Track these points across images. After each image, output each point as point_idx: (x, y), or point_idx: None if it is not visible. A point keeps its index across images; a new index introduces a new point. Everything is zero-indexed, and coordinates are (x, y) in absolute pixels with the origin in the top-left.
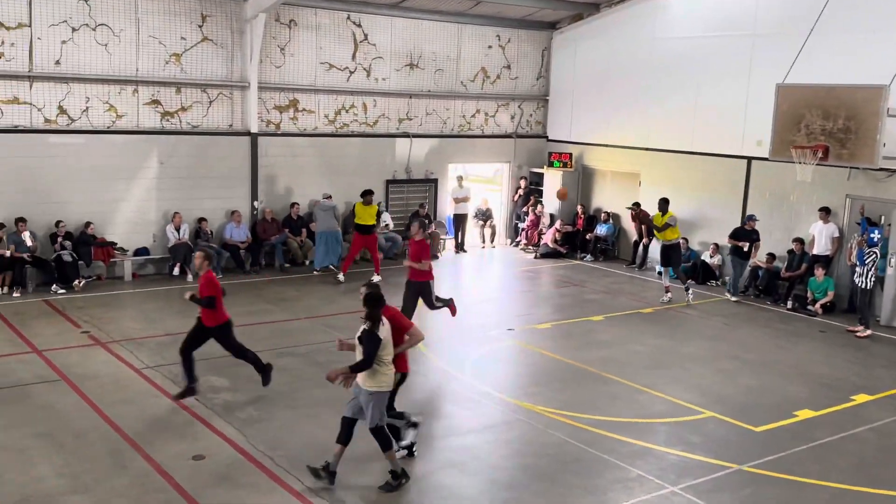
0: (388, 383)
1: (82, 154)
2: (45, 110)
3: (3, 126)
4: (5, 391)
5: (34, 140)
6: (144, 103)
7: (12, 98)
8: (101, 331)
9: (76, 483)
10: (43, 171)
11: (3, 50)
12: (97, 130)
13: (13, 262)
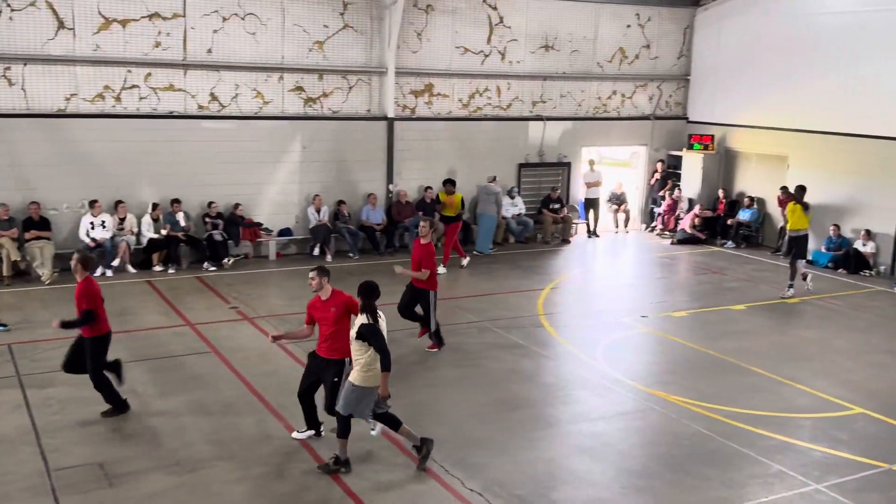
0: (374, 380)
1: (232, 139)
2: (198, 97)
3: (160, 112)
4: (161, 361)
5: (188, 125)
6: (289, 90)
7: (168, 85)
8: (247, 306)
9: (223, 450)
10: (196, 154)
11: (160, 39)
12: (245, 116)
13: (169, 240)
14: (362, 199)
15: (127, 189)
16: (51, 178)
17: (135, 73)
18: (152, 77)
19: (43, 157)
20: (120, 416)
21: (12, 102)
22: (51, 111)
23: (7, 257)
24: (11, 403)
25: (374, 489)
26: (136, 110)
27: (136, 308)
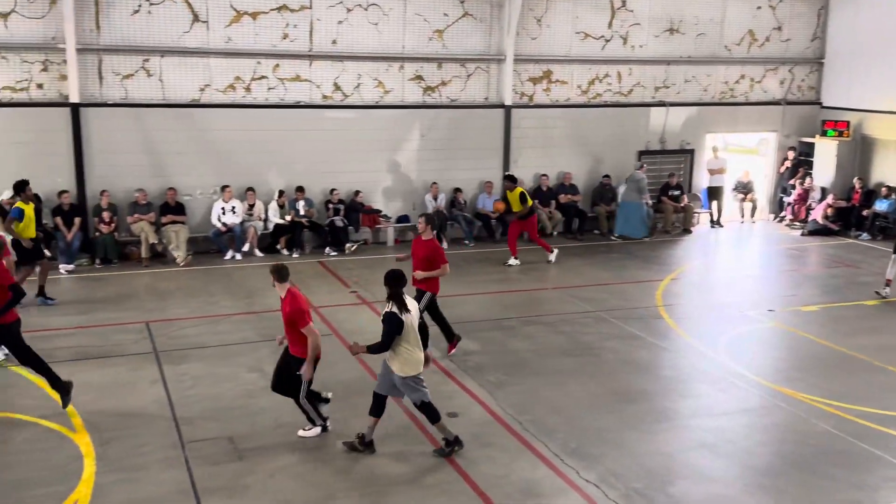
0: (415, 367)
1: (353, 127)
2: (322, 87)
3: (287, 102)
4: None
5: (313, 114)
6: (409, 79)
7: (295, 76)
8: (366, 291)
9: (346, 427)
10: (319, 143)
11: (288, 31)
12: (367, 105)
13: (293, 226)
14: (478, 186)
15: (255, 176)
16: (185, 166)
17: (264, 64)
18: (280, 68)
19: (178, 146)
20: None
21: (151, 93)
22: (186, 101)
23: (146, 240)
24: (149, 378)
25: (490, 475)
26: (264, 100)
27: (263, 290)
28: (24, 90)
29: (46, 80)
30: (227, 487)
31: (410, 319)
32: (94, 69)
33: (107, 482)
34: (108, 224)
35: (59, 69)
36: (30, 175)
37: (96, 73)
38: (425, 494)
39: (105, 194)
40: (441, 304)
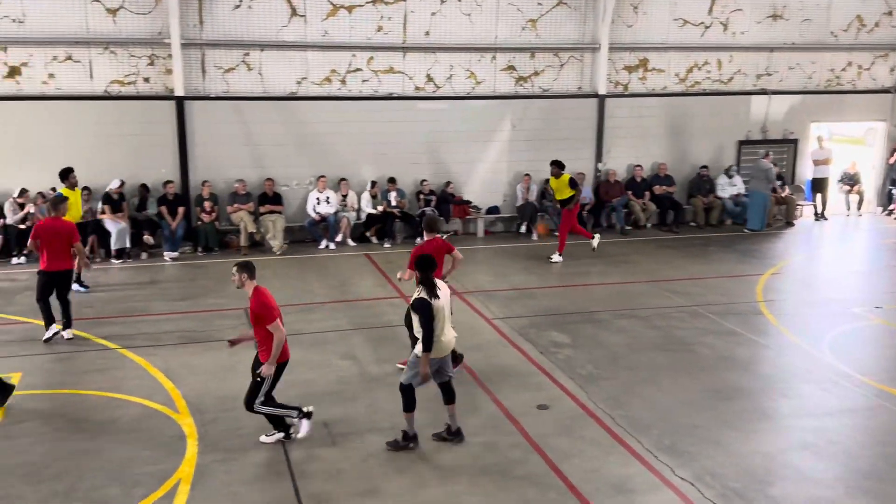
0: (437, 351)
1: (445, 119)
2: (415, 78)
3: (380, 94)
4: (379, 330)
5: (405, 106)
6: (501, 69)
7: (388, 68)
8: (456, 282)
9: (435, 418)
10: (411, 134)
11: (382, 24)
12: (458, 96)
13: (384, 216)
14: None
15: (349, 167)
16: (283, 157)
17: (359, 56)
18: (374, 60)
19: (276, 137)
20: None
21: (251, 86)
22: (284, 94)
23: (245, 229)
24: (248, 363)
25: (581, 469)
26: (358, 92)
27: (355, 279)
28: (132, 84)
29: (153, 74)
30: (322, 471)
31: (440, 304)
32: (198, 63)
33: (208, 462)
34: (209, 213)
35: (165, 63)
36: (136, 166)
37: (199, 66)
38: (515, 485)
39: (206, 185)
40: (528, 296)
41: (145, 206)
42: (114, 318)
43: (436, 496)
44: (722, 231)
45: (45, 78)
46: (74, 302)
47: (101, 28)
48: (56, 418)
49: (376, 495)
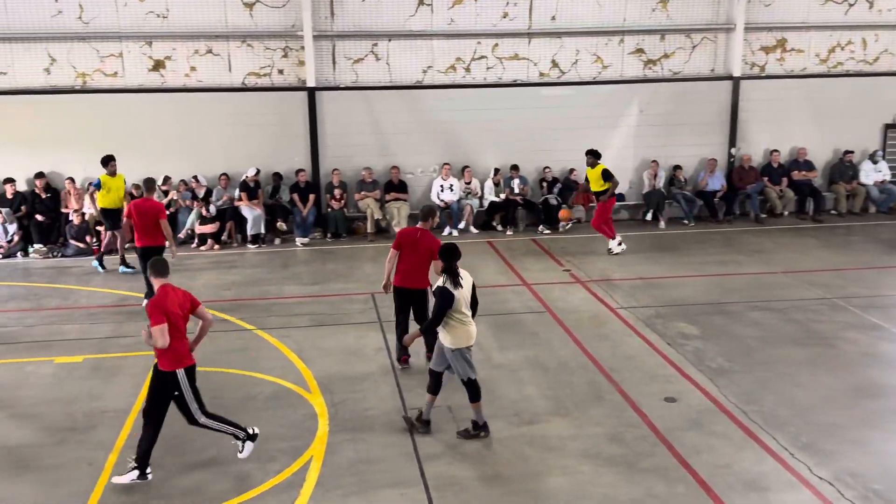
0: (466, 340)
1: (569, 104)
2: (539, 64)
3: (504, 81)
4: (502, 317)
5: (529, 93)
6: (629, 52)
7: (513, 55)
8: (580, 270)
9: (558, 406)
10: (535, 121)
11: (508, 10)
12: (584, 81)
13: (507, 203)
14: (700, 163)
15: (472, 155)
16: (408, 145)
17: (483, 44)
18: (499, 47)
19: (402, 126)
20: None
21: (378, 76)
22: (410, 83)
23: (371, 216)
24: (375, 346)
25: (711, 464)
26: (483, 80)
27: (478, 266)
28: (267, 75)
29: (286, 66)
30: (447, 454)
31: (462, 293)
32: (329, 54)
33: (338, 441)
34: (338, 200)
35: (298, 55)
36: (269, 154)
37: (330, 58)
38: (641, 478)
39: (336, 172)
40: (654, 286)
41: (279, 194)
42: (250, 301)
43: (560, 485)
44: (866, 219)
45: (188, 71)
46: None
47: (239, 22)
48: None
49: (500, 481)
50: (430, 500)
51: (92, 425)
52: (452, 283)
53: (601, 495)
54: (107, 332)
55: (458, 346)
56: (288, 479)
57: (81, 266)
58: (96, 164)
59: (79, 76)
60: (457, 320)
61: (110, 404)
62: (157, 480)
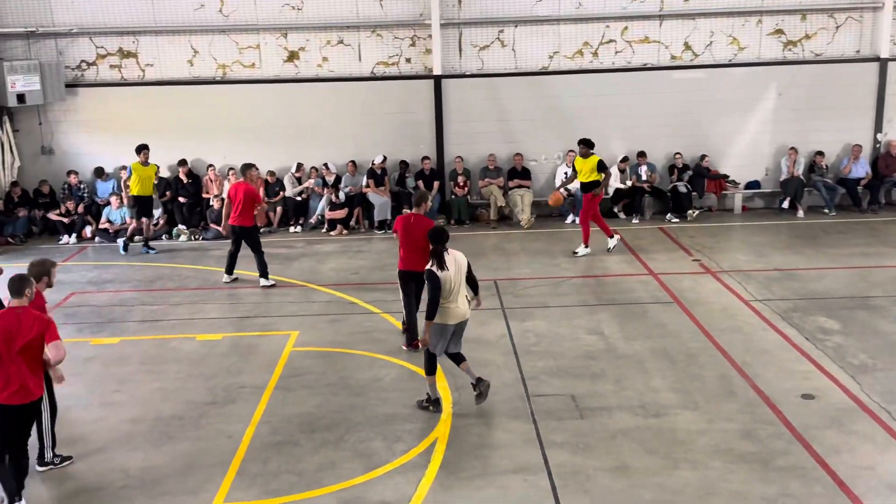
0: (444, 318)
1: (702, 88)
2: (671, 47)
3: (633, 65)
4: (627, 307)
5: (659, 77)
6: (767, 34)
7: (643, 38)
8: (710, 260)
9: (687, 399)
10: (664, 106)
11: None
12: (718, 64)
13: (633, 190)
14: (843, 150)
15: (598, 141)
16: (532, 132)
17: (612, 27)
18: (628, 30)
19: (527, 112)
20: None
21: (503, 62)
22: (535, 69)
23: (494, 203)
24: (497, 333)
25: (852, 465)
26: (611, 64)
27: (603, 254)
28: (395, 64)
29: (413, 55)
30: (570, 443)
31: (448, 275)
32: (455, 43)
33: (461, 424)
34: (461, 187)
35: (425, 44)
36: (397, 142)
37: (456, 45)
38: (776, 476)
39: (459, 160)
40: (791, 277)
41: (405, 181)
42: (377, 285)
43: (688, 480)
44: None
45: (320, 61)
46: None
47: (370, 13)
48: (328, 374)
49: (626, 473)
50: (553, 487)
51: (231, 400)
52: (438, 265)
53: (732, 492)
54: (244, 312)
55: (439, 321)
56: (413, 459)
57: (221, 249)
58: (235, 152)
59: (219, 67)
60: (445, 299)
61: (248, 380)
62: (291, 458)
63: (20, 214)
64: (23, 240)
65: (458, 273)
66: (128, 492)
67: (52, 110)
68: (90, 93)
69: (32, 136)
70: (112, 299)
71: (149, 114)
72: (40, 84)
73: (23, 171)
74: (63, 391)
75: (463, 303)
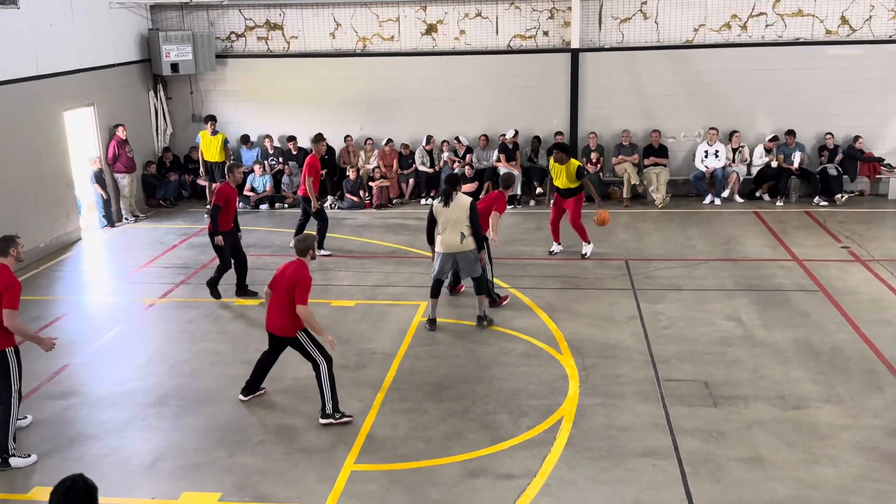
0: (440, 247)
1: (859, 65)
2: (826, 21)
3: (784, 39)
4: (768, 293)
5: (812, 52)
6: None
7: (796, 11)
8: (860, 248)
9: (830, 393)
10: (817, 83)
11: None
12: (878, 40)
13: (780, 172)
14: None
15: (742, 119)
16: (672, 108)
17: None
18: (780, 3)
19: (667, 88)
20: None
21: (645, 35)
22: (679, 42)
23: (627, 181)
24: (627, 314)
25: None
26: (760, 38)
27: (742, 237)
28: (532, 37)
29: (551, 28)
30: (702, 430)
31: (440, 208)
32: (595, 15)
33: (588, 404)
34: (594, 164)
35: (564, 16)
36: (530, 117)
37: (596, 18)
38: None
39: (593, 136)
40: None
41: (537, 157)
42: (505, 260)
43: (827, 476)
44: None
45: (457, 34)
46: None
47: None
48: (456, 345)
49: (761, 465)
50: (683, 474)
51: (362, 364)
52: (444, 202)
53: (876, 491)
54: (376, 280)
55: (438, 250)
56: (539, 435)
57: (355, 218)
58: (374, 123)
59: (360, 40)
60: (444, 230)
61: (378, 347)
62: (419, 425)
63: (171, 179)
64: (173, 203)
65: (456, 210)
66: (265, 446)
67: (203, 79)
68: (238, 63)
69: (184, 104)
70: (254, 262)
71: (292, 85)
72: (192, 54)
73: (174, 138)
74: (208, 347)
75: (451, 237)
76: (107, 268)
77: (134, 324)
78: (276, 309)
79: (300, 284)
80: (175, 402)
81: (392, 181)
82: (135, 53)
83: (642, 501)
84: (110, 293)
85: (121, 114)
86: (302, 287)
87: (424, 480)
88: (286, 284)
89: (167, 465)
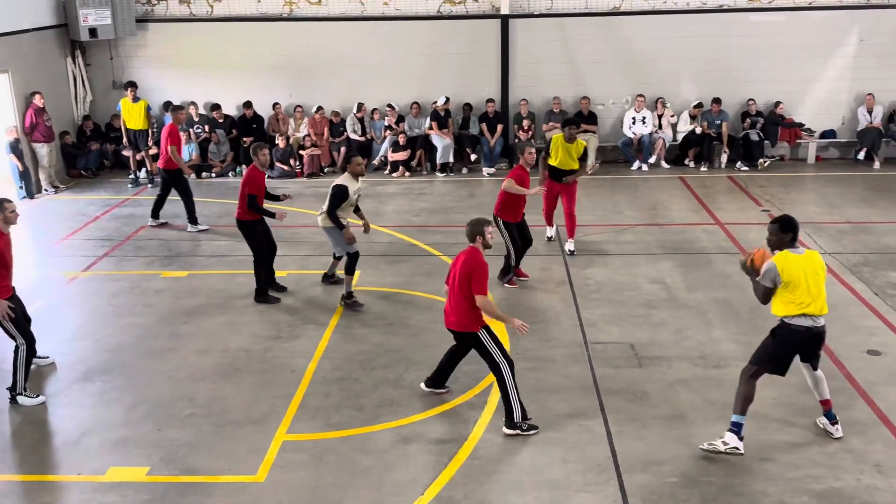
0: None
1: (779, 32)
2: None
3: (708, 6)
4: (690, 256)
5: (735, 19)
6: None
7: None
8: (780, 211)
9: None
10: (739, 50)
11: None
12: (798, 7)
13: (703, 137)
14: None
15: (668, 86)
16: (600, 75)
17: None
18: None
19: (596, 55)
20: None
21: (574, 2)
22: (607, 9)
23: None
24: (557, 279)
25: None
26: (685, 5)
27: (668, 203)
28: (462, 3)
29: None
30: (627, 391)
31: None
32: None
33: (519, 368)
34: (525, 131)
35: None
36: (461, 84)
37: None
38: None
39: (524, 103)
40: (863, 230)
41: (468, 125)
42: (437, 227)
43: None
44: None
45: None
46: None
47: None
48: (388, 314)
49: (683, 421)
50: (609, 433)
51: (295, 335)
52: (354, 179)
53: (788, 444)
54: (308, 250)
55: (324, 224)
56: (470, 400)
57: (285, 187)
58: (303, 90)
59: (286, 4)
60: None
61: (311, 317)
62: (351, 393)
63: (92, 148)
64: (95, 173)
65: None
66: (195, 420)
67: (123, 45)
68: (160, 28)
69: (104, 70)
70: (181, 234)
71: (216, 50)
72: (111, 18)
73: (95, 106)
74: (134, 321)
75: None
76: (27, 240)
77: (56, 298)
78: (454, 303)
79: (476, 272)
80: (100, 377)
81: (323, 149)
82: (51, 18)
83: (570, 461)
84: (31, 266)
85: (37, 81)
86: (479, 275)
87: (357, 448)
88: (461, 274)
89: (93, 441)
